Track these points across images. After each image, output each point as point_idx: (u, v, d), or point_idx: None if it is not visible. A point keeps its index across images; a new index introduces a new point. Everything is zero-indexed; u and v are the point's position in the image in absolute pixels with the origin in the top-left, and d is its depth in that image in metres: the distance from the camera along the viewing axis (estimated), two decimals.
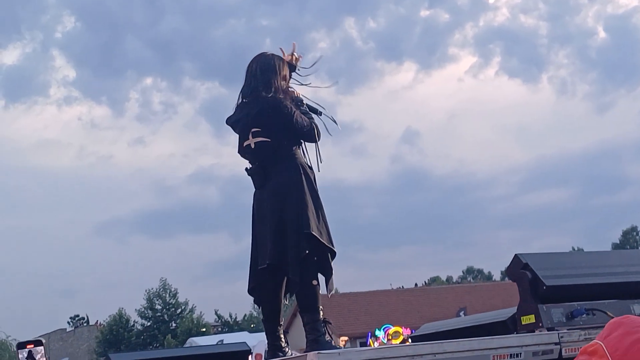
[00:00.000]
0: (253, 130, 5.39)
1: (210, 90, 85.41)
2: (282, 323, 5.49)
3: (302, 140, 5.50)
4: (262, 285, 5.41)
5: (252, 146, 5.39)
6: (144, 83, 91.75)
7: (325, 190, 5.70)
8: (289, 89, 5.59)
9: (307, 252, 5.12)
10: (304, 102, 5.61)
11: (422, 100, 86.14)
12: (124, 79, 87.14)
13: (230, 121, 5.64)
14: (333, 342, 5.20)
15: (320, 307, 5.22)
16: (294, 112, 5.37)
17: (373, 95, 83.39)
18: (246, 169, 5.49)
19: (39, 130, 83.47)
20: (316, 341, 5.07)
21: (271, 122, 5.36)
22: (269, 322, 5.44)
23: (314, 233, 5.12)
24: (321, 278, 5.31)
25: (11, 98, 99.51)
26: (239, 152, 5.53)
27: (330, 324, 5.29)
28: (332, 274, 5.27)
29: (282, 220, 5.21)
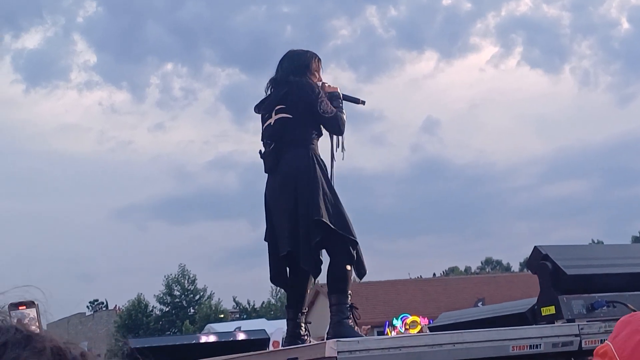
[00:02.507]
0: (277, 107, 5.38)
1: (230, 77, 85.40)
2: (304, 311, 5.48)
3: (323, 128, 5.48)
4: (283, 272, 5.41)
5: (272, 123, 5.38)
6: (165, 69, 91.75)
7: (344, 179, 5.70)
8: (324, 83, 5.57)
9: (317, 239, 5.10)
10: (342, 95, 5.59)
11: (442, 89, 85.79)
12: (144, 65, 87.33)
13: (258, 108, 5.63)
14: (356, 327, 5.21)
15: (350, 291, 5.22)
16: (322, 97, 5.36)
17: (394, 84, 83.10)
18: (260, 152, 5.47)
19: (60, 114, 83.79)
20: (340, 323, 5.07)
21: (296, 100, 5.34)
22: (291, 309, 5.45)
23: (324, 220, 5.11)
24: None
25: (32, 82, 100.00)
26: (261, 137, 5.52)
27: (357, 309, 5.29)
28: (353, 261, 5.24)
29: (295, 208, 5.20)
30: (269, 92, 5.58)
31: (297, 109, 5.34)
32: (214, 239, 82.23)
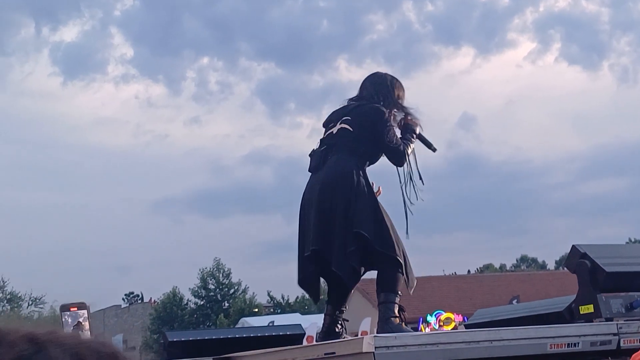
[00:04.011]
0: (344, 118, 5.42)
1: (266, 71, 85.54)
2: (344, 309, 5.49)
3: (385, 155, 5.48)
4: (314, 272, 5.40)
5: (335, 132, 5.42)
6: (201, 62, 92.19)
7: (380, 175, 5.69)
8: (408, 114, 5.59)
9: (352, 249, 5.09)
10: (418, 132, 5.60)
11: (479, 85, 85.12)
12: (181, 58, 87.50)
13: (324, 123, 5.66)
14: (403, 326, 5.18)
15: (399, 292, 5.21)
16: (390, 125, 5.39)
17: (429, 80, 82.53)
18: (311, 152, 5.50)
19: (97, 108, 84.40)
20: (387, 321, 5.07)
21: (362, 118, 5.37)
22: (331, 305, 5.47)
23: (363, 232, 5.09)
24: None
25: (70, 75, 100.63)
26: (320, 142, 5.54)
27: (404, 311, 5.28)
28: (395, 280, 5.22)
29: (333, 210, 5.19)
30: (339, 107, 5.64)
31: (361, 125, 5.36)
32: (248, 233, 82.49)
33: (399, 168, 5.58)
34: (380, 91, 5.52)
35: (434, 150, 5.76)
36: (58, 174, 78.07)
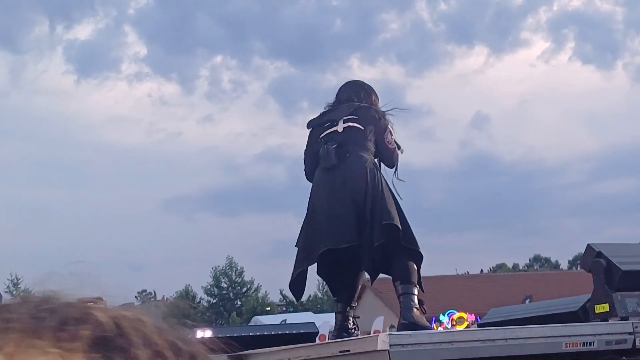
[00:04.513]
0: (345, 118, 5.46)
1: (279, 70, 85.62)
2: (354, 305, 5.50)
3: (380, 155, 5.54)
4: (330, 265, 5.42)
5: (340, 130, 5.44)
6: (214, 61, 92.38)
7: (392, 173, 5.71)
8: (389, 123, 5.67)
9: (382, 241, 5.12)
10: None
11: (492, 84, 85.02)
12: (194, 57, 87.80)
13: (313, 123, 5.69)
14: (424, 318, 5.21)
15: (417, 285, 5.25)
16: (390, 128, 5.51)
17: (442, 79, 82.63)
18: (319, 151, 5.48)
19: (110, 106, 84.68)
20: (409, 309, 5.09)
21: (367, 118, 5.45)
22: (341, 302, 5.47)
23: (395, 223, 5.17)
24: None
25: (83, 73, 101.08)
26: (322, 140, 5.53)
27: (424, 304, 5.30)
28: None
29: (357, 205, 5.20)
30: (326, 109, 5.67)
31: (367, 124, 5.46)
32: (261, 232, 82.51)
33: (388, 168, 5.62)
34: (365, 98, 5.64)
35: (402, 151, 5.77)
36: (71, 171, 78.47)
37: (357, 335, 5.31)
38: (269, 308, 53.87)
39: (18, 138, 79.42)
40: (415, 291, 5.21)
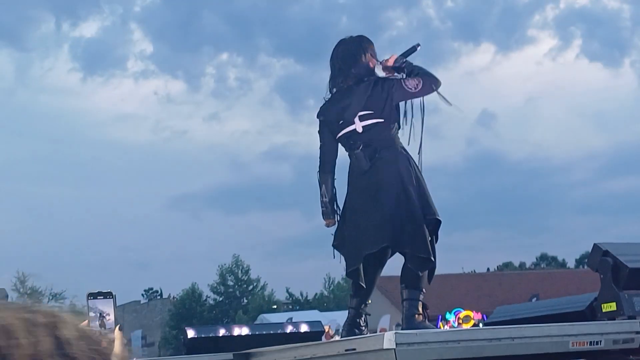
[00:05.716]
0: (360, 114, 5.36)
1: (285, 67, 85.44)
2: (368, 303, 5.52)
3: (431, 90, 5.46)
4: (365, 266, 5.41)
5: (360, 130, 5.37)
6: (220, 58, 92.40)
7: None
8: (384, 60, 5.53)
9: (432, 237, 5.30)
10: (402, 58, 5.53)
11: (499, 82, 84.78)
12: (200, 54, 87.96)
13: (326, 114, 5.60)
14: (427, 323, 5.22)
15: (423, 289, 5.26)
16: (398, 83, 5.39)
17: (449, 76, 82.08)
18: (350, 154, 5.45)
19: (116, 103, 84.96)
20: (411, 317, 5.11)
21: (382, 104, 5.34)
22: (356, 298, 5.48)
23: (437, 218, 5.33)
24: None
25: (89, 71, 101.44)
26: (343, 143, 5.51)
27: (428, 308, 5.31)
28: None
29: (404, 206, 5.21)
30: (331, 94, 5.56)
31: (384, 111, 5.34)
32: (267, 230, 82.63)
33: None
34: (359, 59, 5.47)
35: (419, 45, 5.66)
36: (77, 169, 78.50)
37: (366, 333, 5.31)
38: (275, 306, 53.91)
39: (24, 136, 79.73)
40: (420, 297, 5.23)
